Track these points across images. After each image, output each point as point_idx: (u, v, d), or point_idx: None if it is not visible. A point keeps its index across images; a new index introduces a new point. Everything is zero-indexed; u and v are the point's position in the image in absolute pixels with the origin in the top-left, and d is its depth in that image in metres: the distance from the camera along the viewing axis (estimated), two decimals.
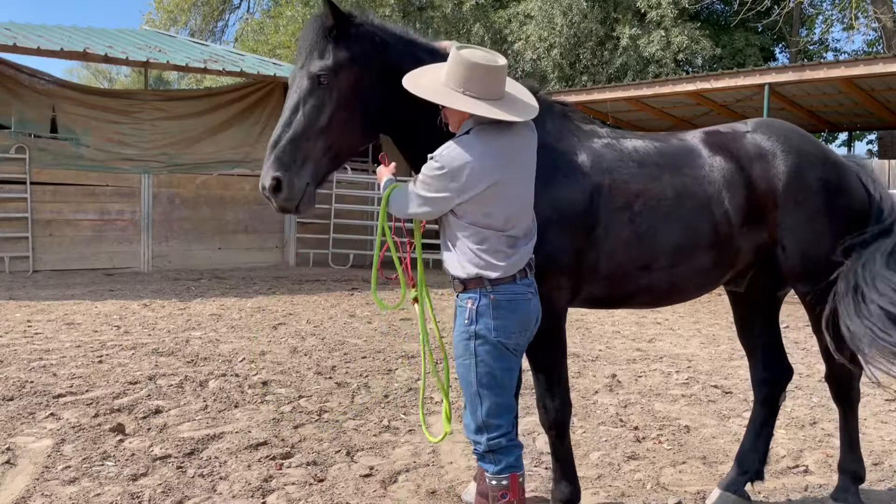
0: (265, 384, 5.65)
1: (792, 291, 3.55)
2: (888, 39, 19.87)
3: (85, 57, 13.05)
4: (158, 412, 4.90)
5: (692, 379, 6.24)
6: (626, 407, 5.34)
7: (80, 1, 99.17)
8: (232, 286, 11.37)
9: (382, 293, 3.23)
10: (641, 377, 6.28)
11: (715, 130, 3.49)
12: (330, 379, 5.90)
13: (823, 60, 18.57)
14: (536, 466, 4.12)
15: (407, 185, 2.90)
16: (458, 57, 2.75)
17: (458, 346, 2.86)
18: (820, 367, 4.17)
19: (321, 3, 2.97)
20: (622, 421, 5.01)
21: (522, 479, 2.86)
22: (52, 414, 4.78)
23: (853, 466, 3.54)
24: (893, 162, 12.66)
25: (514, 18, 23.04)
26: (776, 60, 25.54)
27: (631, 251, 3.15)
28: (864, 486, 3.61)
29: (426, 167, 2.79)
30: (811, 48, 25.52)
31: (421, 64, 2.97)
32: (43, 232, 12.28)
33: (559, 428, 3.18)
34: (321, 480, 3.86)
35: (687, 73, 20.79)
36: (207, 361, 6.37)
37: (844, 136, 24.52)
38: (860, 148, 28.05)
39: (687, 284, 3.32)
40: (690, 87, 13.99)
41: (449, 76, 2.77)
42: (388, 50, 3.01)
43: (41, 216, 12.26)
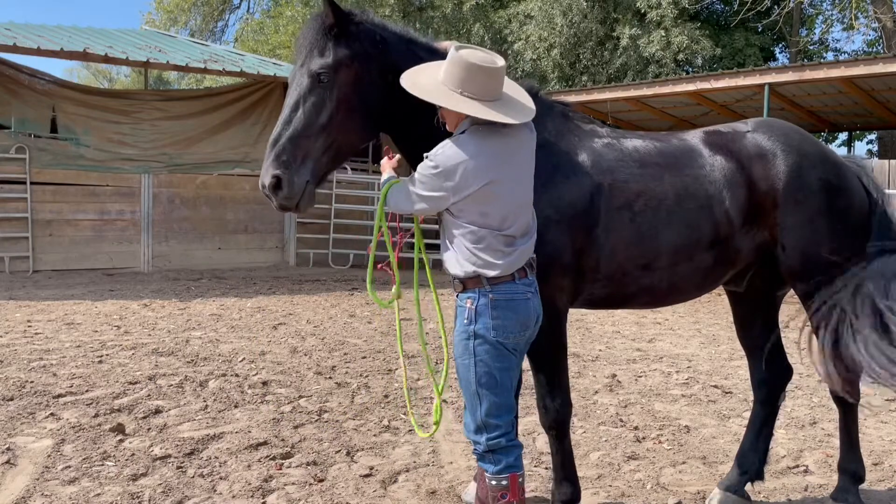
0: (265, 384, 5.65)
1: (791, 291, 3.55)
2: (888, 39, 19.87)
3: (85, 57, 13.06)
4: (158, 412, 4.90)
5: (692, 379, 6.24)
6: (626, 407, 5.34)
7: (80, 1, 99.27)
8: (232, 286, 11.37)
9: (381, 293, 3.23)
10: (641, 377, 6.28)
11: (715, 130, 3.48)
12: (330, 379, 5.90)
13: (823, 60, 18.59)
14: (536, 466, 4.12)
15: (405, 182, 2.90)
16: (456, 57, 2.75)
17: (457, 345, 2.86)
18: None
19: (321, 2, 2.97)
20: (622, 421, 5.01)
21: (522, 479, 2.85)
22: (52, 414, 4.78)
23: (853, 466, 3.54)
24: (893, 162, 12.65)
25: (514, 18, 23.06)
26: (776, 60, 25.56)
27: (632, 251, 3.15)
28: (864, 486, 3.61)
29: (421, 166, 2.80)
30: (811, 48, 25.53)
31: (421, 63, 2.96)
32: (43, 232, 12.28)
33: (559, 428, 3.18)
34: (321, 480, 3.86)
35: (687, 73, 20.81)
36: (207, 361, 6.37)
37: (844, 136, 24.54)
38: (860, 148, 28.10)
39: (687, 284, 3.32)
40: (690, 87, 13.99)
41: (447, 76, 2.77)
42: (388, 48, 3.02)
43: (41, 216, 12.26)
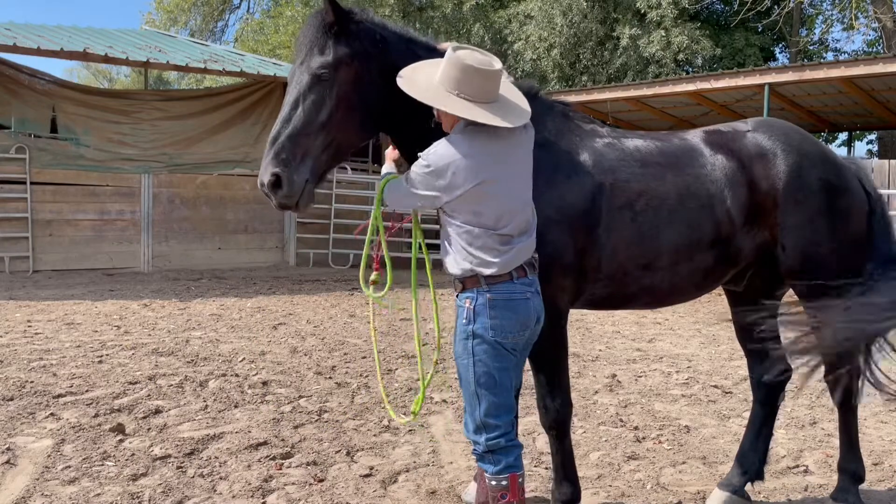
0: (265, 384, 5.65)
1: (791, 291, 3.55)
2: (888, 39, 19.86)
3: (85, 57, 13.05)
4: (158, 412, 4.90)
5: (692, 379, 6.24)
6: (626, 407, 5.34)
7: (80, 1, 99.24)
8: (232, 286, 11.37)
9: (378, 290, 3.22)
10: (641, 377, 6.28)
11: (716, 130, 3.48)
12: (330, 379, 5.90)
13: (823, 60, 18.59)
14: (536, 466, 4.11)
15: (401, 178, 2.91)
16: (453, 59, 2.76)
17: (457, 345, 2.86)
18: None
19: (321, 1, 2.97)
20: (622, 421, 5.00)
21: (522, 479, 2.85)
22: (52, 414, 4.78)
23: (853, 466, 3.54)
24: (893, 162, 12.64)
25: (514, 18, 23.05)
26: (776, 60, 25.55)
27: (633, 250, 3.15)
28: (864, 486, 3.61)
29: (415, 165, 2.81)
30: (811, 48, 25.52)
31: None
32: (43, 232, 12.27)
33: (559, 428, 3.18)
34: (321, 480, 3.86)
35: (687, 73, 20.80)
36: (207, 361, 6.37)
37: (844, 136, 24.53)
38: (860, 148, 28.13)
39: (688, 284, 3.32)
40: (690, 87, 13.99)
41: (443, 77, 2.78)
42: (387, 47, 3.02)
43: (41, 216, 12.25)
